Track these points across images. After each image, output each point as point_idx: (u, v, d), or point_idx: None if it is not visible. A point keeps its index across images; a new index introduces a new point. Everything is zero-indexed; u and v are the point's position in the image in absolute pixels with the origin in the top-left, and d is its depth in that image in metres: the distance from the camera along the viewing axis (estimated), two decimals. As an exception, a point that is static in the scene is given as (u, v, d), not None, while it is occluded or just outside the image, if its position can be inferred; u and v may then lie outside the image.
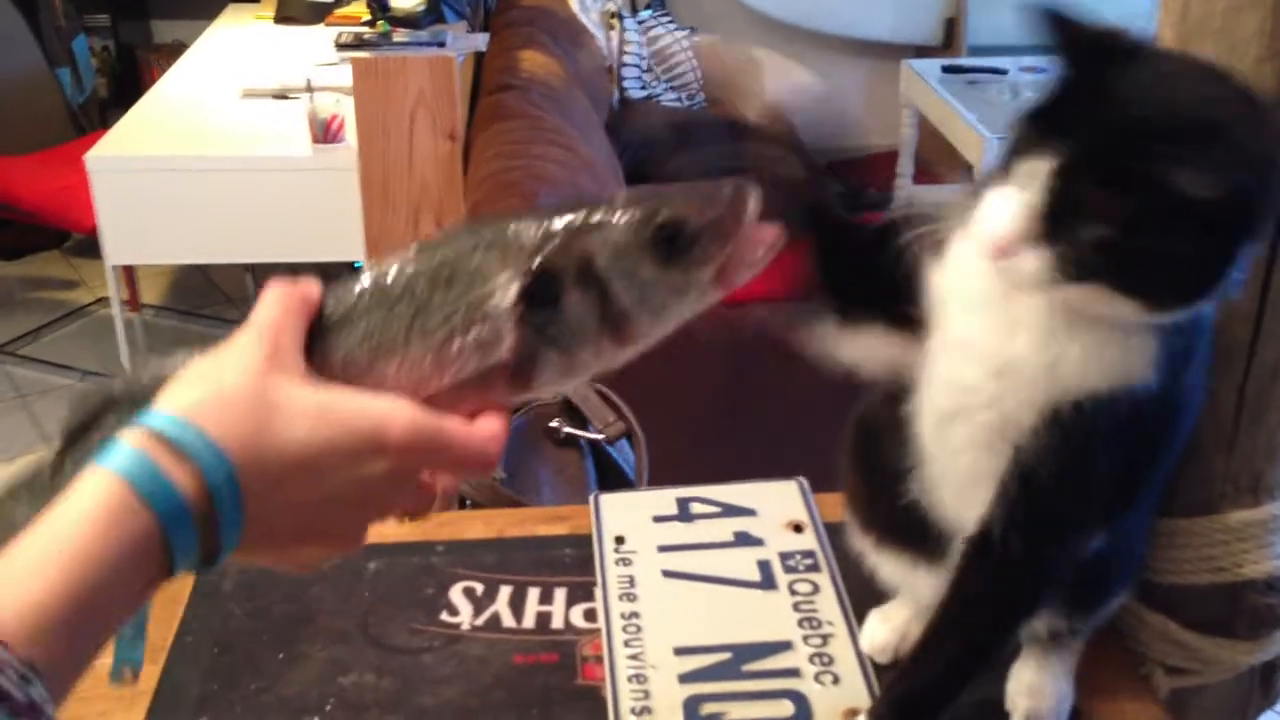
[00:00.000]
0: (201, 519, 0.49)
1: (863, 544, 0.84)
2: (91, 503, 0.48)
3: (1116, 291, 0.59)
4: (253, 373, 0.52)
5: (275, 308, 0.55)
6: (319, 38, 3.07)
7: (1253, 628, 0.81)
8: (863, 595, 0.88)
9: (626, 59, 3.59)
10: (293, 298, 0.56)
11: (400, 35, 2.57)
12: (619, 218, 0.55)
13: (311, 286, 0.57)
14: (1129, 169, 0.57)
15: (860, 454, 0.83)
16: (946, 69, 3.71)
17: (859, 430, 0.83)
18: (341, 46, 2.53)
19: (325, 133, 2.59)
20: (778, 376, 2.26)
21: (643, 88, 3.62)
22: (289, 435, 0.51)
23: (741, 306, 2.57)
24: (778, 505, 0.99)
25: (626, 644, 0.85)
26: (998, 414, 0.66)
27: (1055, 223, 0.59)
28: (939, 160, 3.92)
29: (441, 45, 2.56)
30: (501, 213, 0.58)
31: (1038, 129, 0.61)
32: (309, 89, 2.61)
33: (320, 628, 0.87)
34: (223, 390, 0.52)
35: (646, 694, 0.81)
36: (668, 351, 2.25)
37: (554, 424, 1.23)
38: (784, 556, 0.93)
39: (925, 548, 0.77)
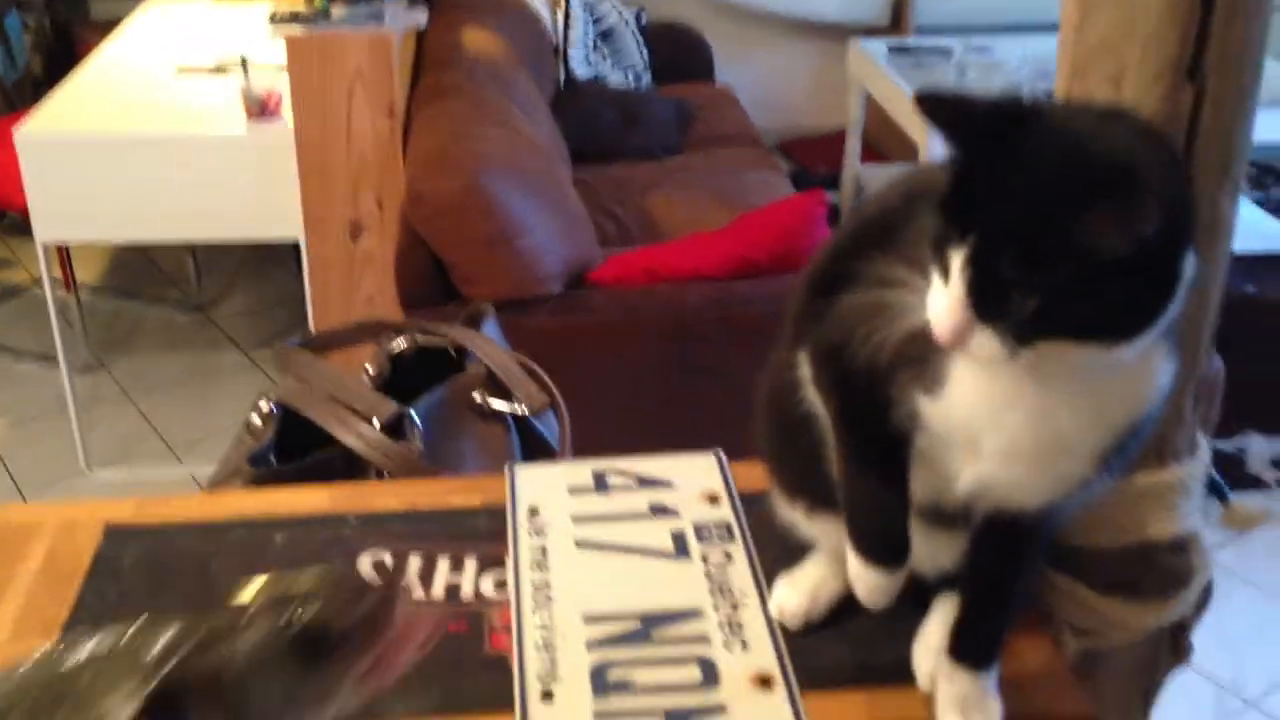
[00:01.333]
0: None
1: (790, 512, 0.84)
2: None
3: (1073, 343, 0.59)
4: None
5: None
6: (256, 13, 3.02)
7: (1159, 589, 0.82)
8: (777, 564, 0.87)
9: (572, 38, 3.56)
10: None
11: (338, 11, 2.54)
12: (252, 623, 0.52)
13: None
14: (1036, 243, 0.57)
15: (781, 422, 0.83)
16: (894, 49, 3.71)
17: (776, 397, 0.83)
18: (277, 23, 2.49)
19: (262, 109, 2.55)
20: (714, 354, 2.27)
21: (589, 67, 3.60)
22: None
23: (680, 285, 2.56)
24: (694, 477, 0.99)
25: (535, 613, 0.84)
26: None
27: (987, 305, 0.59)
28: (887, 140, 3.93)
29: (380, 21, 2.53)
30: (121, 622, 0.52)
31: (950, 217, 0.61)
32: (245, 65, 2.57)
33: (222, 602, 0.85)
34: None
35: (553, 661, 0.80)
36: (606, 329, 2.25)
37: (477, 397, 1.22)
38: (698, 527, 0.93)
39: None
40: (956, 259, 0.60)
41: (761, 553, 0.90)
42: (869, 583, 0.74)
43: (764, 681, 0.78)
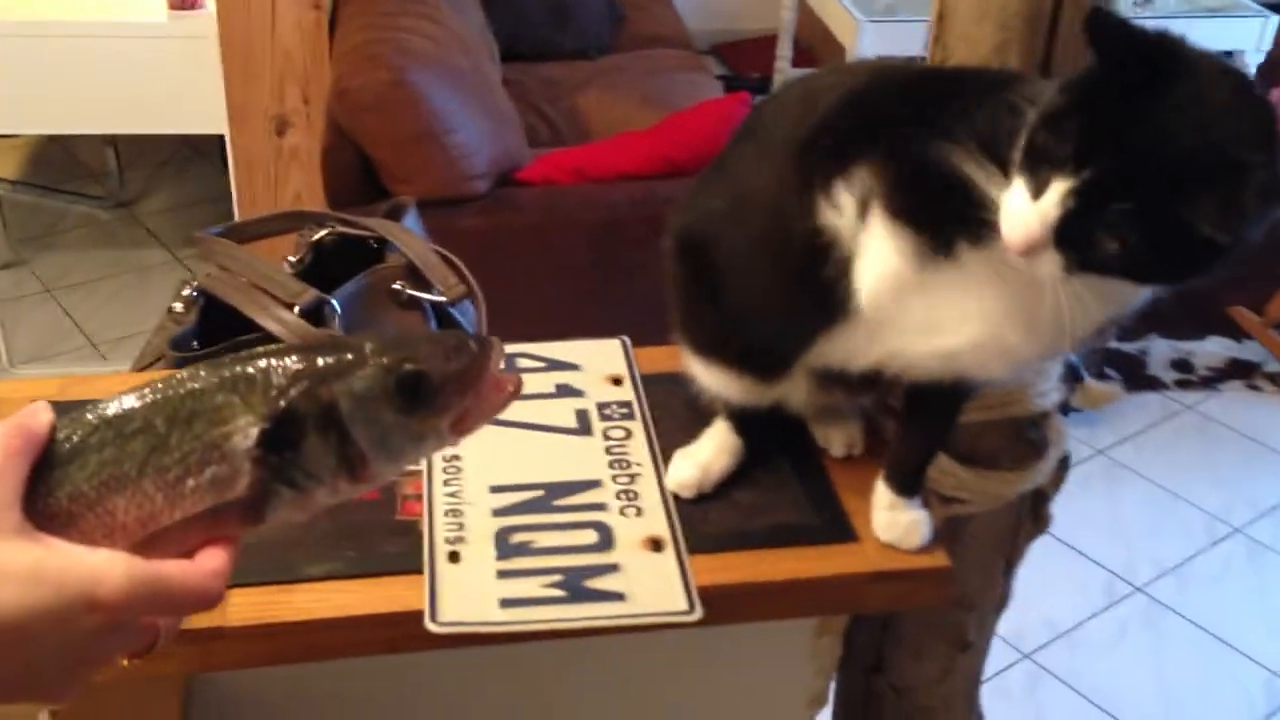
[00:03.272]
0: None
1: (699, 368, 0.91)
2: None
3: (1124, 280, 0.65)
4: None
5: None
6: (178, -100, 2.94)
7: (1017, 461, 0.89)
8: (674, 440, 0.94)
9: (503, -68, 3.51)
10: (17, 438, 0.54)
11: (261, -102, 2.49)
12: (365, 365, 0.56)
13: (40, 418, 0.55)
14: (1150, 200, 0.60)
15: (694, 274, 0.89)
16: (824, -49, 3.71)
17: (690, 247, 0.88)
18: (198, -92, 2.45)
19: (183, -1, 2.51)
20: (639, 252, 2.31)
21: (519, -37, 3.55)
22: None
23: (607, 185, 2.60)
24: (600, 361, 1.04)
25: (445, 483, 0.90)
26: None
27: (1073, 234, 0.62)
28: (818, 44, 3.95)
29: (304, -90, 2.49)
30: (250, 352, 0.57)
31: (1060, 139, 0.62)
32: (165, -47, 2.52)
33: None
34: None
35: (461, 526, 0.86)
36: (533, 229, 2.28)
37: (396, 286, 1.25)
38: (601, 406, 0.99)
39: (772, 373, 0.85)
40: (1060, 185, 0.62)
41: (660, 430, 0.96)
42: (904, 522, 0.85)
43: (655, 544, 0.85)
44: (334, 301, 1.18)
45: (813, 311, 0.79)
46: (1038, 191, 0.63)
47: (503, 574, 0.83)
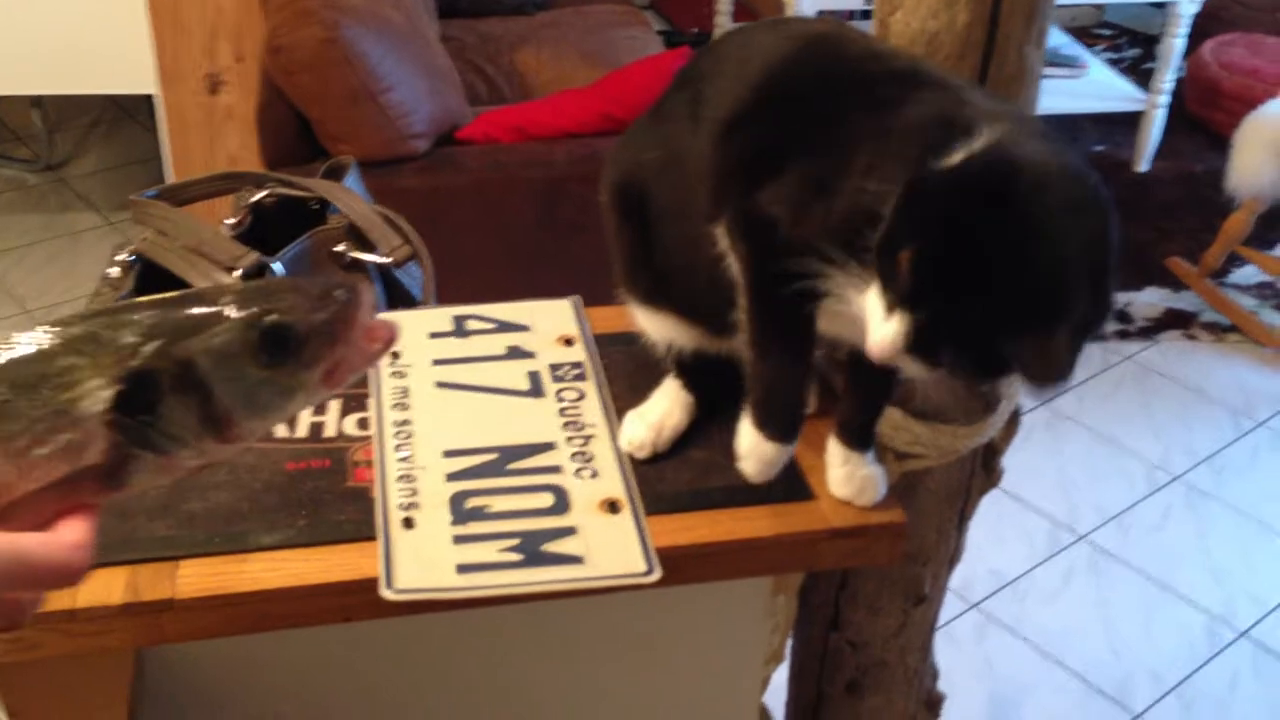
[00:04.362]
0: None
1: (645, 319, 0.91)
2: None
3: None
4: None
5: None
6: None
7: (969, 414, 0.90)
8: (627, 400, 0.93)
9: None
10: None
11: None
12: (224, 319, 0.53)
13: None
14: (976, 342, 0.65)
15: (631, 225, 0.88)
16: (764, -96, 3.68)
17: (625, 197, 0.88)
18: None
19: (108, -46, 2.43)
20: (580, 210, 2.29)
21: (456, -84, 3.48)
22: None
23: (548, 143, 2.57)
24: (551, 321, 1.03)
25: (397, 448, 0.88)
26: None
27: (920, 348, 0.66)
28: (758, -1, 3.93)
29: None
30: (99, 309, 0.54)
31: (902, 278, 0.65)
32: (87, -94, 2.44)
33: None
34: None
35: (414, 491, 0.85)
36: (474, 188, 2.25)
37: (339, 249, 1.23)
38: (553, 367, 0.97)
39: (715, 324, 0.85)
40: (901, 318, 0.66)
41: (614, 390, 0.95)
42: (764, 456, 0.81)
43: (611, 505, 0.84)
44: (275, 265, 1.15)
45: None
46: (888, 309, 0.67)
47: (459, 539, 0.82)
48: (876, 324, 0.67)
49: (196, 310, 0.54)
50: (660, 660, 1.02)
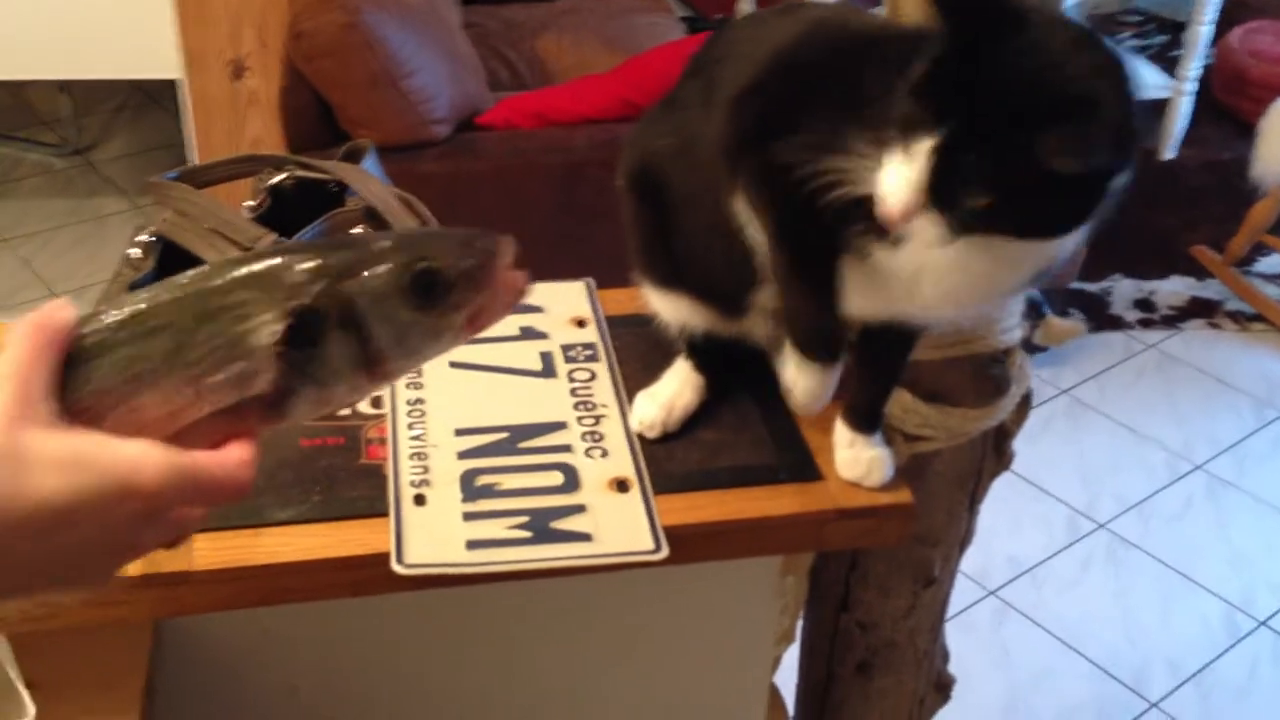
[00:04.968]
0: None
1: (659, 301, 0.92)
2: None
3: (1003, 236, 0.66)
4: (1, 428, 0.51)
5: (22, 347, 0.53)
6: None
7: (979, 397, 0.90)
8: (638, 381, 0.94)
9: None
10: (42, 333, 0.54)
11: None
12: (381, 262, 0.57)
13: (63, 315, 0.55)
14: (1005, 146, 0.62)
15: (647, 210, 0.89)
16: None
17: (642, 183, 0.89)
18: None
19: (134, -60, 2.45)
20: (600, 196, 2.30)
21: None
22: (41, 487, 0.51)
23: (568, 129, 2.57)
24: (564, 303, 1.04)
25: (410, 426, 0.89)
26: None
27: (940, 193, 0.64)
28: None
29: None
30: (265, 249, 0.58)
31: (921, 102, 0.64)
32: (113, -108, 2.46)
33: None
34: None
35: (426, 469, 0.86)
36: (494, 173, 2.26)
37: (356, 230, 1.24)
38: (566, 348, 0.98)
39: (729, 308, 0.87)
40: (924, 145, 0.64)
41: (625, 372, 0.96)
42: (808, 380, 0.81)
43: (621, 485, 0.85)
44: (294, 246, 1.16)
45: (755, 265, 0.81)
46: (906, 159, 0.65)
47: (469, 516, 0.83)
48: (891, 179, 0.66)
49: (359, 253, 0.58)
50: (672, 640, 1.03)
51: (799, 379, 0.81)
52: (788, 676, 1.12)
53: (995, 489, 1.02)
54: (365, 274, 0.57)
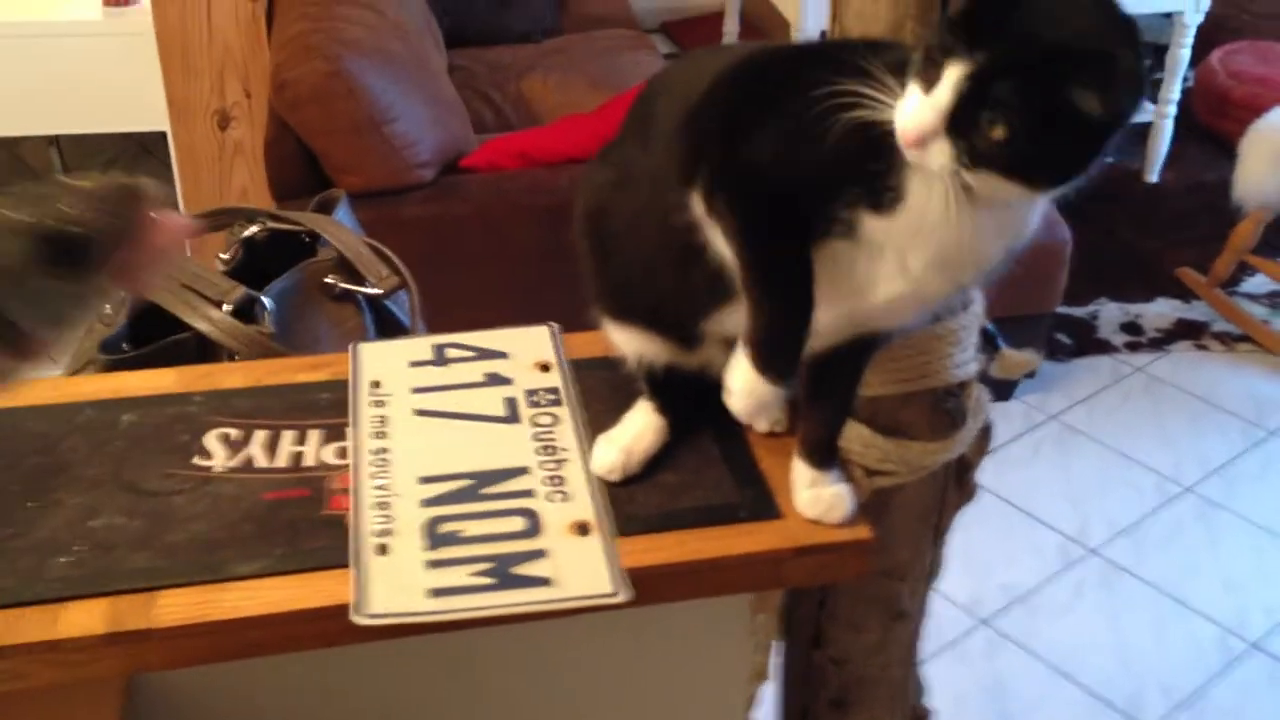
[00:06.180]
0: None
1: (617, 334, 0.93)
2: None
3: (1006, 179, 0.68)
4: None
5: None
6: (110, -106, 2.91)
7: (937, 430, 0.91)
8: (603, 425, 0.94)
9: (445, -83, 3.49)
10: None
11: (192, -109, 2.46)
12: (7, 234, 0.52)
13: None
14: (1033, 84, 0.65)
15: (596, 242, 0.92)
16: (767, -73, 3.71)
17: (590, 217, 0.91)
18: (128, -97, 2.42)
19: (118, -5, 2.49)
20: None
21: (462, -53, 3.53)
22: None
23: (553, 169, 2.58)
24: (528, 348, 1.05)
25: (374, 476, 0.90)
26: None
27: (961, 121, 0.67)
28: (765, 19, 3.96)
29: (236, -99, 2.47)
30: None
31: (954, 33, 0.67)
32: (97, -51, 2.49)
33: (72, 477, 0.90)
34: None
35: (389, 518, 0.86)
36: (479, 216, 2.27)
37: (329, 280, 1.25)
38: (529, 393, 0.99)
39: (683, 338, 0.88)
40: (955, 69, 0.66)
41: (590, 415, 0.97)
42: (758, 394, 0.80)
43: (582, 528, 0.86)
44: (265, 299, 1.18)
45: (702, 291, 0.82)
46: (930, 86, 0.67)
47: (432, 564, 0.83)
48: (913, 104, 0.68)
49: None
50: (647, 679, 1.03)
51: (747, 391, 0.80)
52: (766, 712, 1.12)
53: (985, 517, 1.03)
54: None
